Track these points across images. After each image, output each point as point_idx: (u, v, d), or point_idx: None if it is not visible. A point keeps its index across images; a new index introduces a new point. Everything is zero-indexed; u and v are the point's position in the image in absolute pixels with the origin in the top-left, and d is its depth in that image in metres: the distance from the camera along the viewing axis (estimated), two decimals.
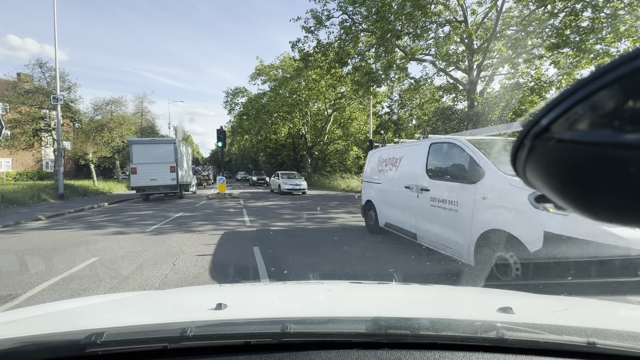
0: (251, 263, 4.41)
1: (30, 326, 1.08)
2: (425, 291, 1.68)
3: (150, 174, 14.18)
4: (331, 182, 24.00)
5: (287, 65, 30.91)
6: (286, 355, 0.83)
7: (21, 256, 4.96)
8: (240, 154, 62.15)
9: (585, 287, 2.57)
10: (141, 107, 36.34)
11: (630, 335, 0.86)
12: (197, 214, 9.80)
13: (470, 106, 16.25)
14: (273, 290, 1.69)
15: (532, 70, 15.75)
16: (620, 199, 0.27)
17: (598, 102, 0.25)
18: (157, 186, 14.36)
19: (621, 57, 0.23)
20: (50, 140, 21.12)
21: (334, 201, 13.84)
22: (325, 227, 7.35)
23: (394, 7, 15.02)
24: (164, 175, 14.40)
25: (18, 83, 21.47)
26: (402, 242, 5.48)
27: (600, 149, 0.25)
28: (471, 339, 0.86)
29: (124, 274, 3.99)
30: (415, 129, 23.84)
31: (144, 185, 14.22)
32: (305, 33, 18.18)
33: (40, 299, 3.28)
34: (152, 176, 14.21)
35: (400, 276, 3.85)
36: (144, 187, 14.27)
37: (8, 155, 27.18)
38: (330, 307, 1.28)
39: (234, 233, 6.66)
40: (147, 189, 14.36)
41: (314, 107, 33.08)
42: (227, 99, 37.41)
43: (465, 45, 16.09)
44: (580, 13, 13.11)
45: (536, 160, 0.31)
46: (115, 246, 5.49)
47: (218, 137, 15.69)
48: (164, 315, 1.23)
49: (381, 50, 16.34)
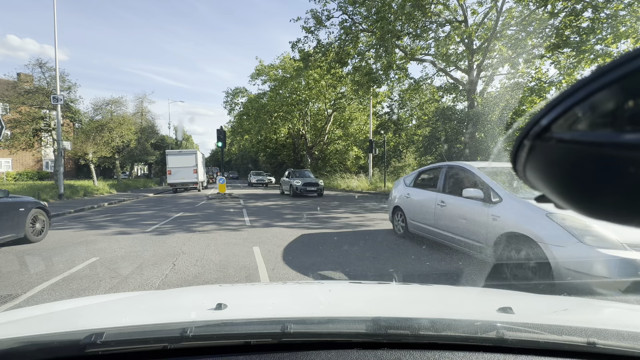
0: (251, 263, 4.41)
1: (30, 326, 1.09)
2: (425, 291, 1.68)
3: (179, 174, 20.64)
4: (331, 182, 23.99)
5: (287, 65, 30.92)
6: (286, 355, 0.83)
7: (21, 256, 4.96)
8: (240, 154, 62.17)
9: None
10: (141, 107, 36.35)
11: (630, 335, 0.86)
12: (197, 214, 9.80)
13: (470, 106, 16.26)
14: (273, 290, 1.69)
15: (532, 70, 15.75)
16: (620, 198, 0.27)
17: (598, 102, 0.25)
18: (184, 182, 20.86)
19: (621, 57, 0.23)
20: (50, 140, 21.12)
21: (335, 201, 13.84)
22: (329, 226, 7.35)
23: (394, 7, 15.02)
24: (189, 175, 20.81)
25: (18, 83, 21.46)
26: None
27: (600, 149, 0.25)
28: (471, 339, 0.86)
29: (124, 274, 3.99)
30: (415, 129, 23.87)
31: (175, 182, 20.70)
32: (305, 33, 18.18)
33: (40, 299, 3.27)
34: (181, 176, 20.67)
35: (400, 276, 3.85)
36: (176, 183, 20.75)
37: (8, 155, 27.18)
38: (330, 307, 1.28)
39: (234, 233, 6.66)
40: (177, 184, 20.81)
41: (314, 107, 33.09)
42: (227, 99, 37.48)
43: (465, 45, 16.09)
44: (581, 13, 13.11)
45: (536, 160, 0.31)
46: (115, 246, 5.49)
47: (218, 137, 15.70)
48: (164, 315, 1.23)
49: (381, 51, 16.34)
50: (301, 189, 15.42)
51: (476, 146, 15.54)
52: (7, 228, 5.25)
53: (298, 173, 17.59)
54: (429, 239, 5.09)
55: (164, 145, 41.40)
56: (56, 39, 13.60)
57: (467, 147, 15.76)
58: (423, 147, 18.64)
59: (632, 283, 2.50)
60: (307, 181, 15.82)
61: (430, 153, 18.01)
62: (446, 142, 16.81)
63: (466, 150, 15.76)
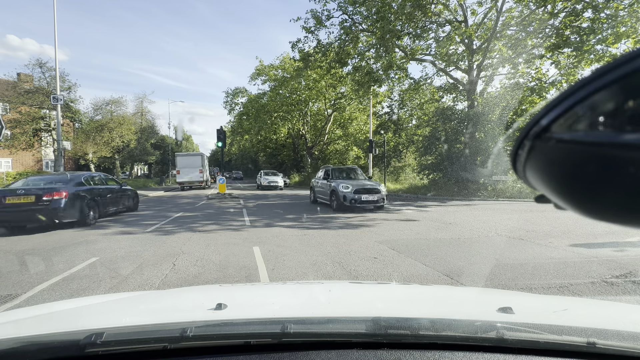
0: (251, 263, 4.41)
1: (30, 326, 1.09)
2: (425, 291, 1.69)
3: (187, 174, 23.29)
4: None
5: (287, 66, 30.94)
6: (286, 355, 0.83)
7: (21, 256, 4.96)
8: (240, 154, 62.21)
9: None
10: (141, 107, 36.40)
11: (630, 335, 0.86)
12: (197, 214, 9.80)
13: (470, 106, 16.27)
14: (273, 290, 1.69)
15: (532, 70, 15.76)
16: (620, 198, 0.27)
17: (598, 102, 0.25)
18: (191, 181, 23.43)
19: (621, 57, 0.23)
20: (50, 140, 21.13)
21: None
22: (330, 226, 7.36)
23: (394, 7, 15.03)
24: (196, 175, 23.47)
25: (18, 83, 21.47)
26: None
27: (600, 149, 0.25)
28: (471, 339, 0.86)
29: (124, 274, 3.99)
30: (415, 129, 23.88)
31: (184, 181, 23.25)
32: (305, 33, 18.18)
33: (40, 299, 3.27)
34: (189, 175, 23.32)
35: (400, 276, 3.85)
36: (184, 182, 23.29)
37: (8, 155, 27.17)
38: (330, 307, 1.28)
39: (234, 233, 6.67)
40: (185, 183, 23.36)
41: (314, 107, 33.10)
42: (227, 99, 37.53)
43: (465, 45, 16.10)
44: (581, 13, 13.12)
45: (536, 160, 0.31)
46: (115, 246, 5.49)
47: (218, 137, 15.70)
48: (164, 315, 1.23)
49: (381, 51, 16.34)
50: (354, 199, 9.63)
51: (476, 146, 15.56)
52: (125, 204, 10.19)
53: (343, 172, 11.70)
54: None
55: (164, 145, 41.43)
56: (56, 39, 13.60)
57: (467, 147, 15.78)
58: (423, 147, 18.65)
59: (632, 282, 2.50)
60: (361, 186, 9.94)
61: (430, 153, 18.02)
62: (446, 142, 16.83)
63: (466, 150, 15.77)
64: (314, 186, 12.63)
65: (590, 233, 6.10)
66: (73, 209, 7.42)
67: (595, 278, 3.61)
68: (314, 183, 12.73)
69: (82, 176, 8.52)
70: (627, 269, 3.90)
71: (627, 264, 4.07)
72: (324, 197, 11.47)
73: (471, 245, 5.32)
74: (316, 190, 12.30)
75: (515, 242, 5.47)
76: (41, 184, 7.74)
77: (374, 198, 9.83)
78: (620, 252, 4.71)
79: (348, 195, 9.74)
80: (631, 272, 3.78)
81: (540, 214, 8.53)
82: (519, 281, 3.57)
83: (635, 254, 4.58)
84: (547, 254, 4.65)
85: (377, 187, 10.06)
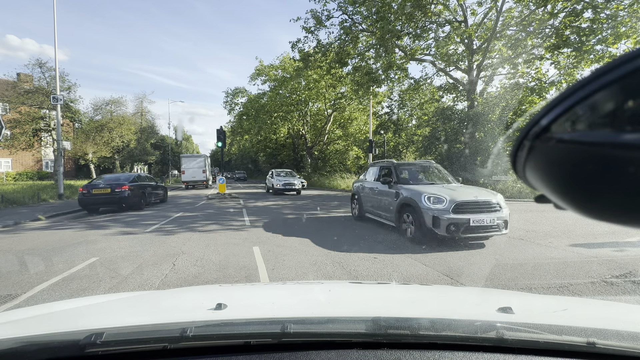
0: (251, 263, 4.41)
1: (30, 326, 1.08)
2: (425, 291, 1.69)
3: (191, 174, 25.36)
4: (331, 182, 24.00)
5: (287, 66, 30.94)
6: (286, 355, 0.83)
7: (21, 256, 4.96)
8: (240, 154, 62.21)
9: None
10: (141, 107, 36.41)
11: (630, 335, 0.86)
12: (197, 214, 9.80)
13: (470, 106, 16.27)
14: (273, 290, 1.69)
15: (532, 70, 15.77)
16: (619, 198, 0.27)
17: (598, 102, 0.25)
18: (195, 180, 25.39)
19: (621, 57, 0.23)
20: (50, 140, 21.12)
21: (335, 201, 13.83)
22: (330, 226, 7.34)
23: (394, 7, 15.03)
24: (199, 174, 25.42)
25: (18, 83, 21.47)
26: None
27: (600, 149, 0.25)
28: (471, 339, 0.86)
29: (124, 274, 3.99)
30: (415, 129, 23.89)
31: (188, 180, 25.26)
32: (305, 33, 18.19)
33: (40, 299, 3.27)
34: (193, 175, 25.36)
35: (400, 276, 3.85)
36: (189, 181, 25.29)
37: (8, 155, 27.17)
38: (330, 307, 1.28)
39: (234, 233, 6.66)
40: (190, 182, 25.36)
41: (313, 107, 33.10)
42: (227, 99, 37.51)
43: (465, 45, 16.11)
44: (581, 14, 13.12)
45: (536, 160, 0.31)
46: (115, 246, 5.49)
47: (218, 137, 15.68)
48: (164, 315, 1.23)
49: (381, 51, 16.35)
50: (455, 224, 5.16)
51: (476, 146, 15.56)
52: (159, 196, 13.43)
53: (418, 171, 7.27)
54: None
55: (164, 145, 41.43)
56: (56, 39, 13.60)
57: (467, 147, 15.78)
58: (423, 147, 18.66)
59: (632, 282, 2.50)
60: (463, 197, 5.43)
61: (430, 153, 18.03)
62: (446, 142, 16.83)
63: (466, 150, 15.78)
64: (357, 192, 8.50)
65: (590, 233, 6.10)
66: (133, 198, 10.71)
67: (595, 278, 3.61)
68: (357, 188, 8.62)
69: (135, 175, 11.94)
70: (627, 269, 3.90)
71: (627, 264, 4.07)
72: (381, 212, 7.04)
73: (471, 245, 5.32)
74: (364, 199, 8.02)
75: (515, 242, 5.47)
76: (113, 180, 10.94)
77: (492, 222, 5.21)
78: (620, 252, 4.71)
79: (441, 215, 5.22)
80: (631, 272, 3.78)
81: (540, 214, 8.53)
82: (519, 281, 3.57)
83: (635, 254, 4.58)
84: (547, 254, 4.66)
85: (491, 199, 5.45)
